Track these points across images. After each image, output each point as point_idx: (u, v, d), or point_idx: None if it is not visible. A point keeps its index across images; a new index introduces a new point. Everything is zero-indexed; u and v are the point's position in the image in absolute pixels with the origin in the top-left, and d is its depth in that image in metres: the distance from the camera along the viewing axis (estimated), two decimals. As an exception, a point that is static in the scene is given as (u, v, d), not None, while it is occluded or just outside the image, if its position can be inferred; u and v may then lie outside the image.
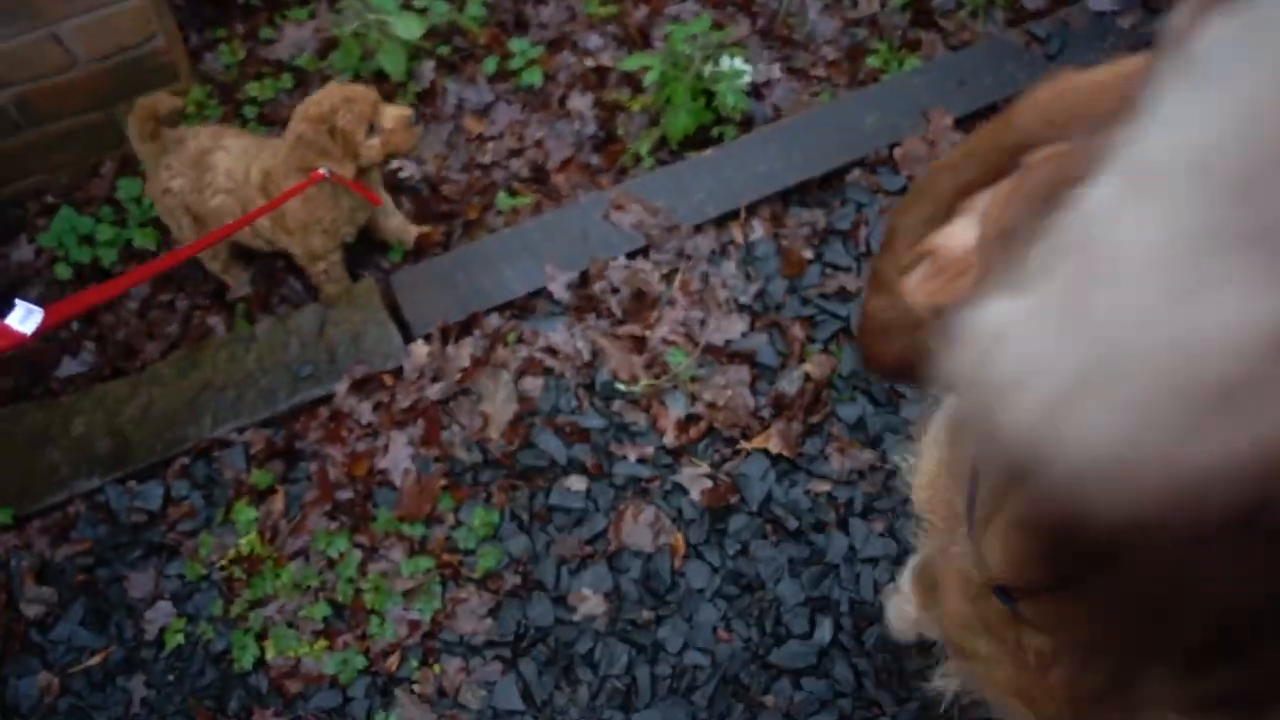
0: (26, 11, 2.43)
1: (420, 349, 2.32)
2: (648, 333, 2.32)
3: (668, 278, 2.40)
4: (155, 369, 2.36)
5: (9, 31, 2.45)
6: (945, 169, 0.83)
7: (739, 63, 2.56)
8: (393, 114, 2.19)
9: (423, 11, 2.87)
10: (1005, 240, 0.62)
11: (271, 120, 2.84)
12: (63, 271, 2.63)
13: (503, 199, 2.64)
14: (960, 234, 0.74)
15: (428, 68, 2.86)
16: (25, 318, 1.39)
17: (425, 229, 2.60)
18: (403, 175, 2.74)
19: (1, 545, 2.16)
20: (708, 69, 2.57)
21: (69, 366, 2.52)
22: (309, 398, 2.29)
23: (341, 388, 2.28)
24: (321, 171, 2.18)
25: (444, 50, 2.88)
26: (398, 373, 2.32)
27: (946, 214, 0.78)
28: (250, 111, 2.85)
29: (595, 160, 2.70)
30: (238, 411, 2.28)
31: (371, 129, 2.19)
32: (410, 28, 2.73)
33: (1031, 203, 0.63)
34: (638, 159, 2.66)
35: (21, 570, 2.13)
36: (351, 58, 2.81)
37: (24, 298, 2.68)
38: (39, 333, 1.36)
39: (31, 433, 2.28)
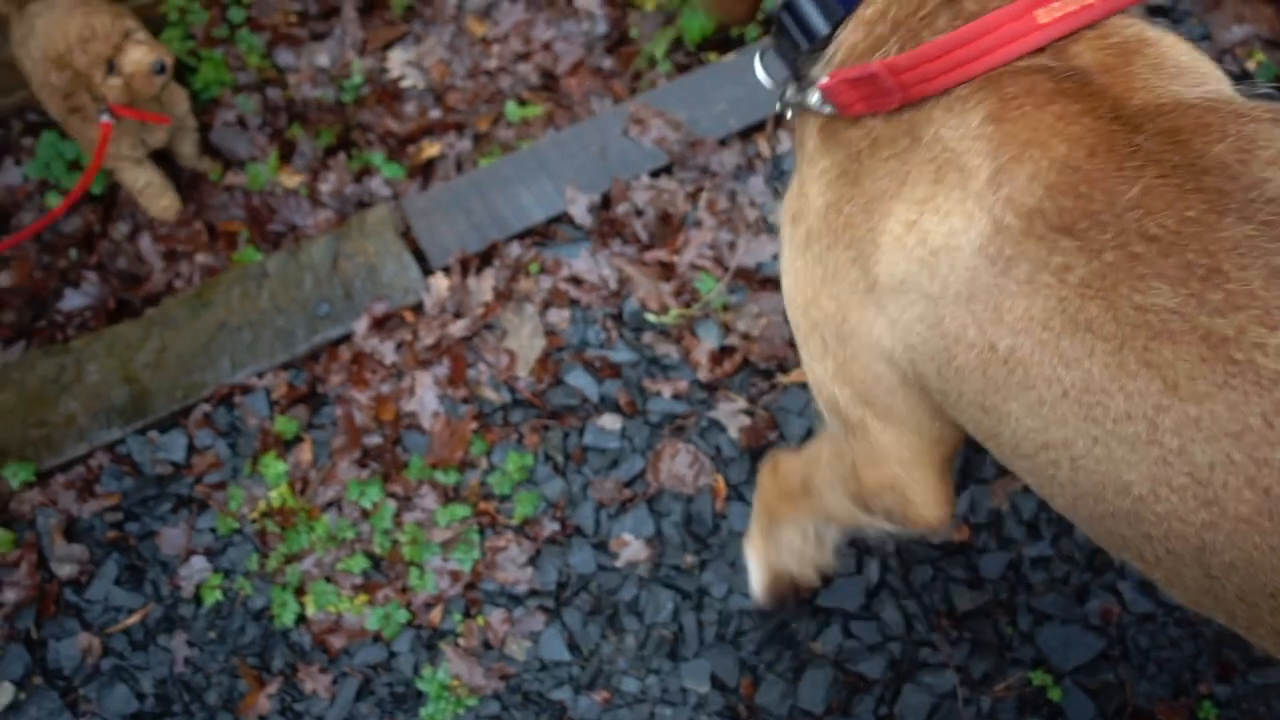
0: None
1: (440, 282, 2.10)
2: (675, 257, 2.11)
3: (693, 197, 2.17)
4: (166, 309, 2.14)
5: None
6: None
7: (759, -44, 2.26)
8: (134, 59, 1.95)
9: (415, -99, 2.53)
10: None
11: (261, 25, 2.54)
12: (55, 200, 2.37)
13: (512, 109, 2.37)
14: None
15: (424, -36, 2.54)
16: None
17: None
18: (405, 84, 2.46)
19: (27, 502, 1.98)
20: (726, -36, 2.27)
21: (72, 299, 2.29)
22: (328, 338, 2.08)
23: (361, 326, 2.07)
24: (107, 121, 2.03)
25: (440, -56, 2.55)
26: (418, 308, 2.10)
27: None
28: (236, 15, 2.53)
29: (608, 64, 2.42)
30: (255, 354, 2.07)
31: (112, 68, 1.96)
32: (404, -78, 2.40)
33: None
34: (653, 62, 2.38)
35: (50, 528, 1.96)
36: (342, -44, 2.49)
37: (17, 225, 2.44)
38: None
39: (45, 381, 2.08)
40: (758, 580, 1.69)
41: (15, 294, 2.33)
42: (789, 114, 1.08)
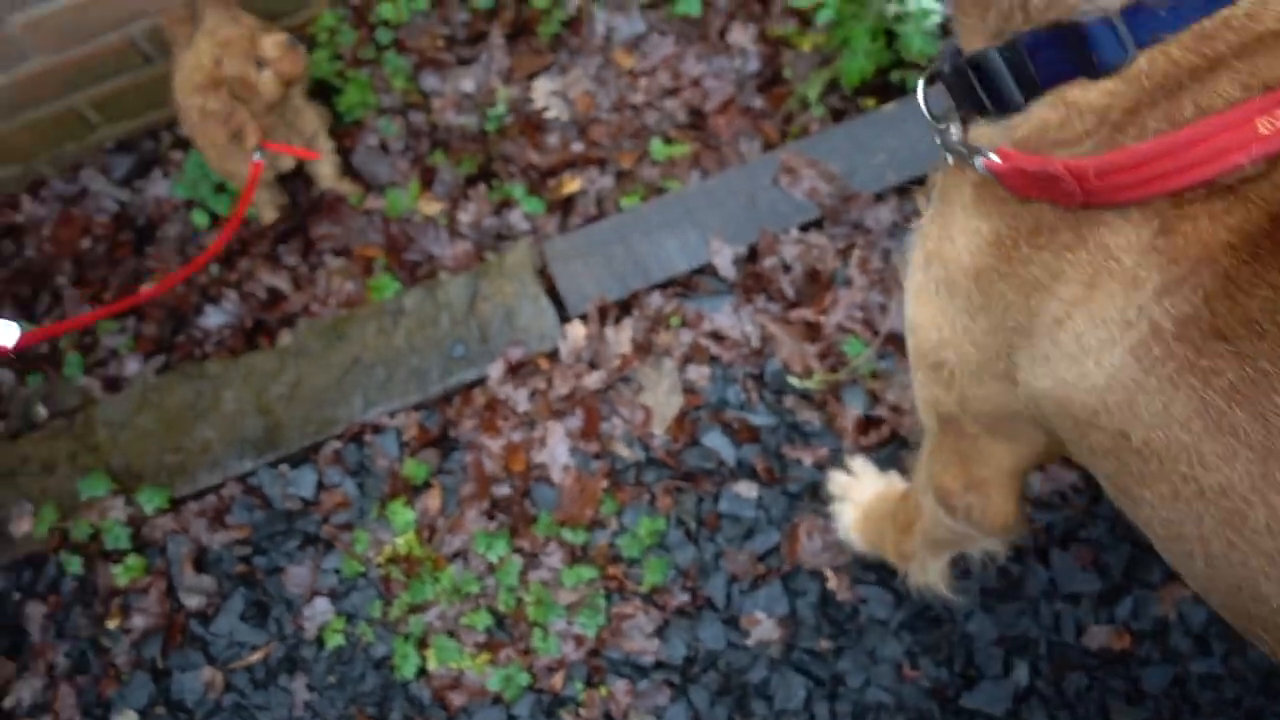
0: (156, -57, 2.10)
1: (578, 330, 2.03)
2: (822, 318, 2.00)
3: (844, 254, 2.05)
4: (302, 340, 2.11)
5: (142, -38, 2.13)
6: None
7: (926, 2, 2.13)
8: (271, 42, 1.94)
9: (570, -71, 2.46)
10: None
11: (407, 47, 2.49)
12: (200, 219, 2.37)
13: (657, 147, 2.28)
14: None
15: (574, -9, 2.46)
16: (3, 332, 1.26)
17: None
18: (549, 115, 2.39)
19: (159, 529, 1.98)
20: (892, 7, 2.14)
21: (212, 316, 2.29)
22: (462, 380, 2.02)
23: (496, 371, 2.01)
24: (259, 160, 2.00)
25: (592, -28, 2.47)
26: (553, 355, 2.04)
27: None
28: (384, 36, 2.50)
29: (758, 103, 2.31)
30: (389, 392, 2.03)
31: (258, 64, 1.95)
32: (558, -49, 2.33)
33: None
34: (805, 104, 2.26)
35: (181, 557, 1.95)
36: (493, -18, 2.42)
37: (162, 238, 2.45)
38: (18, 348, 1.23)
39: (182, 406, 2.07)
40: (852, 539, 1.79)
41: (157, 307, 2.34)
42: (947, 157, 0.98)
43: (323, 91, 2.44)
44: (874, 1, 2.12)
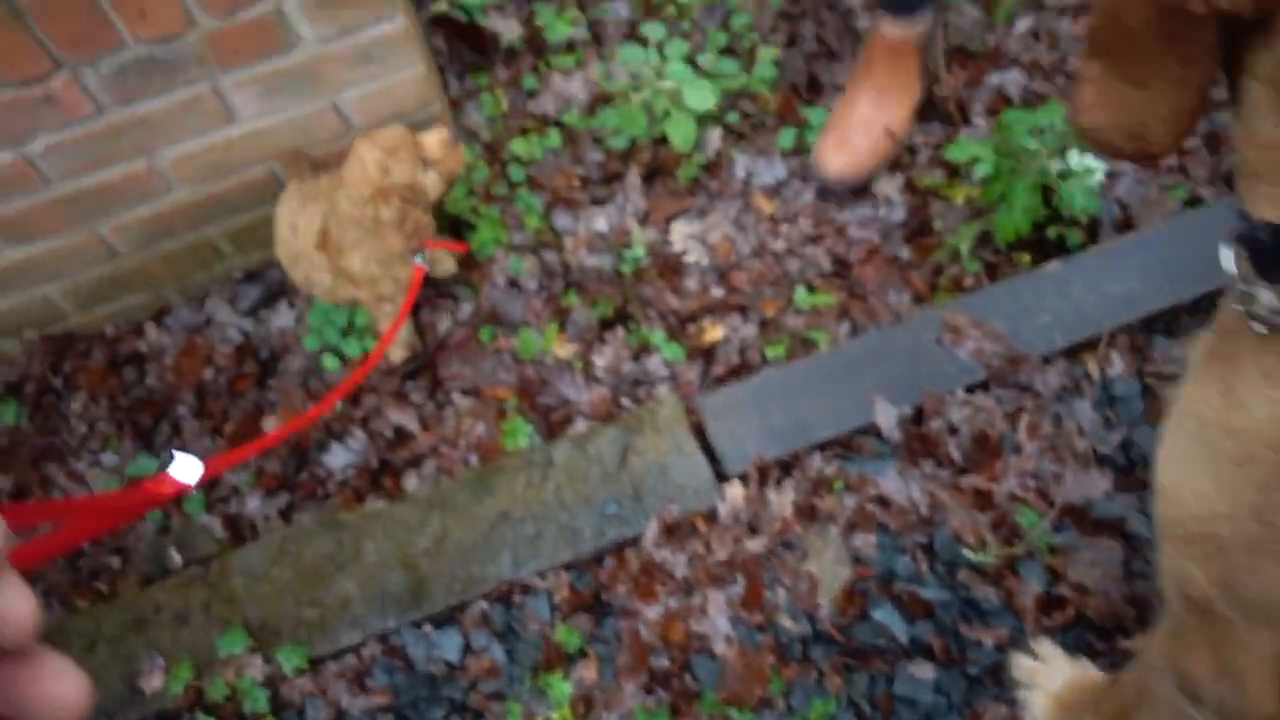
0: (313, 86, 2.08)
1: (736, 490, 1.94)
2: (992, 485, 1.91)
3: (1011, 418, 1.97)
4: (447, 492, 2.03)
5: (294, 103, 2.11)
6: None
7: (1090, 160, 2.08)
8: (434, 141, 1.93)
9: (713, 76, 2.44)
10: None
11: (539, 185, 2.46)
12: (331, 363, 2.31)
13: (802, 296, 2.22)
14: None
15: (714, 135, 2.44)
16: (187, 468, 1.21)
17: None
18: (687, 259, 2.34)
19: (297, 690, 1.88)
20: (1054, 165, 2.10)
21: (337, 455, 2.22)
22: (615, 539, 1.93)
23: (651, 531, 1.92)
24: (421, 265, 2.02)
25: (733, 118, 2.45)
26: (711, 516, 1.95)
27: None
28: (517, 173, 2.47)
29: (905, 254, 2.26)
30: (538, 550, 1.94)
31: (424, 165, 1.94)
32: (703, 98, 2.30)
33: None
34: (955, 256, 2.21)
35: (318, 722, 1.85)
36: (635, 124, 2.40)
37: (284, 371, 2.40)
38: (201, 483, 1.18)
39: (321, 558, 1.98)
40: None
41: (280, 443, 2.27)
42: (1256, 328, 0.90)
43: (454, 227, 2.41)
44: (1035, 157, 2.08)
